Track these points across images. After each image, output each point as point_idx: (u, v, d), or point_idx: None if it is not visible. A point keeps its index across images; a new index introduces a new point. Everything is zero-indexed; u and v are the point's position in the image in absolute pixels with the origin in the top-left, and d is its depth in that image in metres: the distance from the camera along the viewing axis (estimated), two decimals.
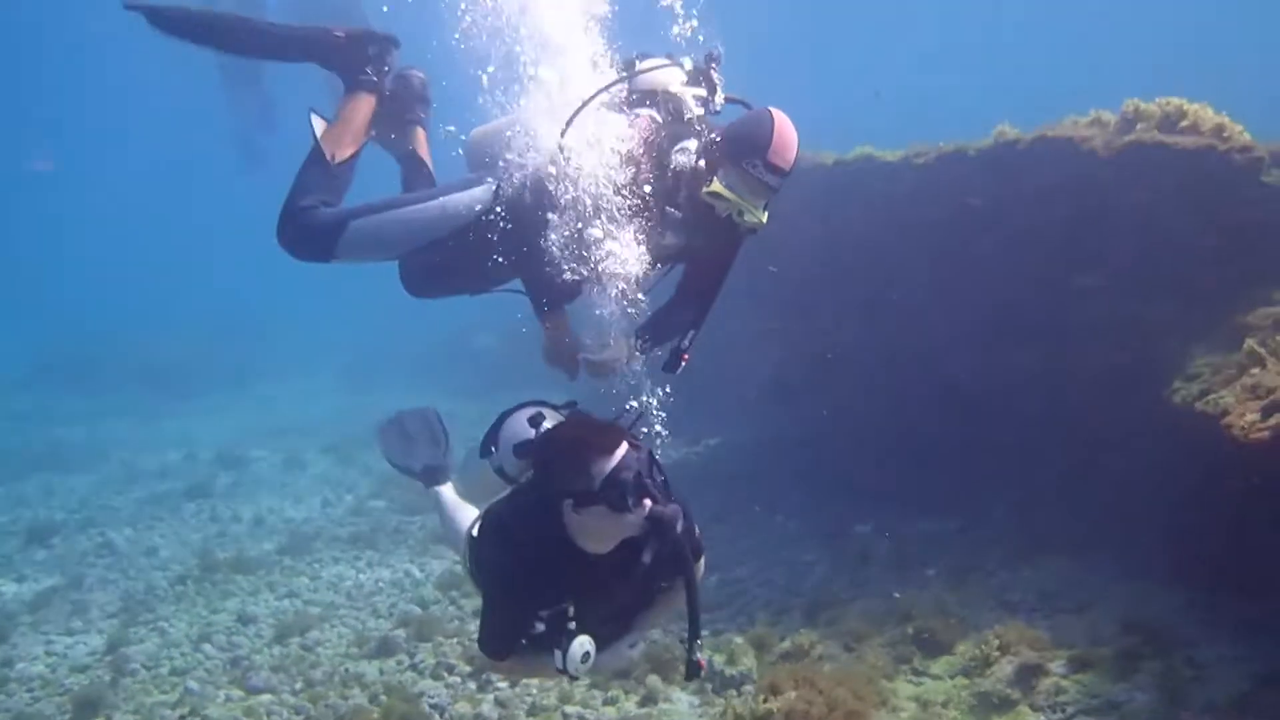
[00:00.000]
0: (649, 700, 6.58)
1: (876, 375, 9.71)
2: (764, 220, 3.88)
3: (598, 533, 3.08)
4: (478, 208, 4.07)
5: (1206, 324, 7.54)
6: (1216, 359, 7.13)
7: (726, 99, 4.01)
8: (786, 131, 3.77)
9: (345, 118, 4.28)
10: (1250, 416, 5.78)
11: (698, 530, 3.45)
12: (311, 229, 4.01)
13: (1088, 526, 7.88)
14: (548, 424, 3.50)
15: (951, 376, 9.10)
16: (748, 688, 6.57)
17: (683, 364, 4.24)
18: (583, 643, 3.19)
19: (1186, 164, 7.97)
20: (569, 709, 6.54)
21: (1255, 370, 6.59)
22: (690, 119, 3.94)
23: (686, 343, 4.25)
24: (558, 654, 3.18)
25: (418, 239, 4.10)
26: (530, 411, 3.58)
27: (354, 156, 4.23)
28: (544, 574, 3.16)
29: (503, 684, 7.00)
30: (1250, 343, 6.68)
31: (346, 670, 7.50)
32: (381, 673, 7.47)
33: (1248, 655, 6.04)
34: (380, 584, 9.53)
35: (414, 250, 4.14)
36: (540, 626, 3.21)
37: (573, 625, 3.20)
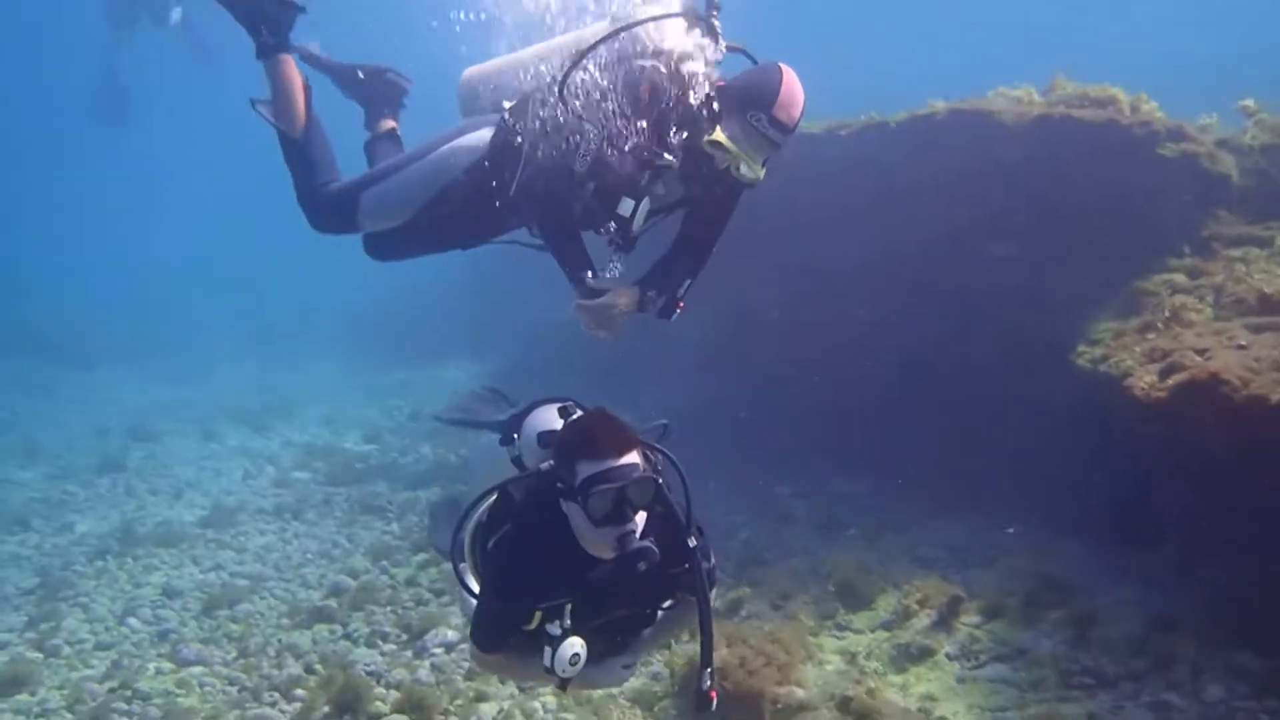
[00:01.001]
0: None
1: (797, 341, 9.98)
2: (761, 175, 3.85)
3: (580, 534, 2.98)
4: (483, 150, 4.10)
5: (1107, 290, 7.96)
6: (1117, 324, 7.55)
7: (728, 47, 3.92)
8: (793, 87, 3.74)
9: (279, 88, 4.30)
10: (1150, 378, 6.14)
11: (713, 559, 3.28)
12: (328, 208, 4.15)
13: (996, 483, 8.29)
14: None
15: (869, 342, 9.42)
16: (679, 648, 6.79)
17: (677, 311, 4.27)
18: (574, 644, 3.06)
19: (1090, 137, 8.38)
20: None
21: (1152, 334, 7.01)
22: (692, 67, 3.85)
23: (682, 291, 4.24)
24: (547, 651, 3.07)
25: (430, 188, 4.14)
26: (561, 404, 3.43)
27: (310, 117, 4.29)
28: (546, 565, 3.06)
29: (438, 650, 7.11)
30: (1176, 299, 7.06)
31: (279, 641, 7.51)
32: (315, 642, 7.49)
33: (1142, 599, 6.49)
34: (308, 555, 9.50)
35: (429, 203, 4.17)
36: (534, 623, 3.10)
37: (567, 624, 3.08)
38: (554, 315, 18.02)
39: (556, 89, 3.85)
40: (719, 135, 3.75)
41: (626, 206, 3.91)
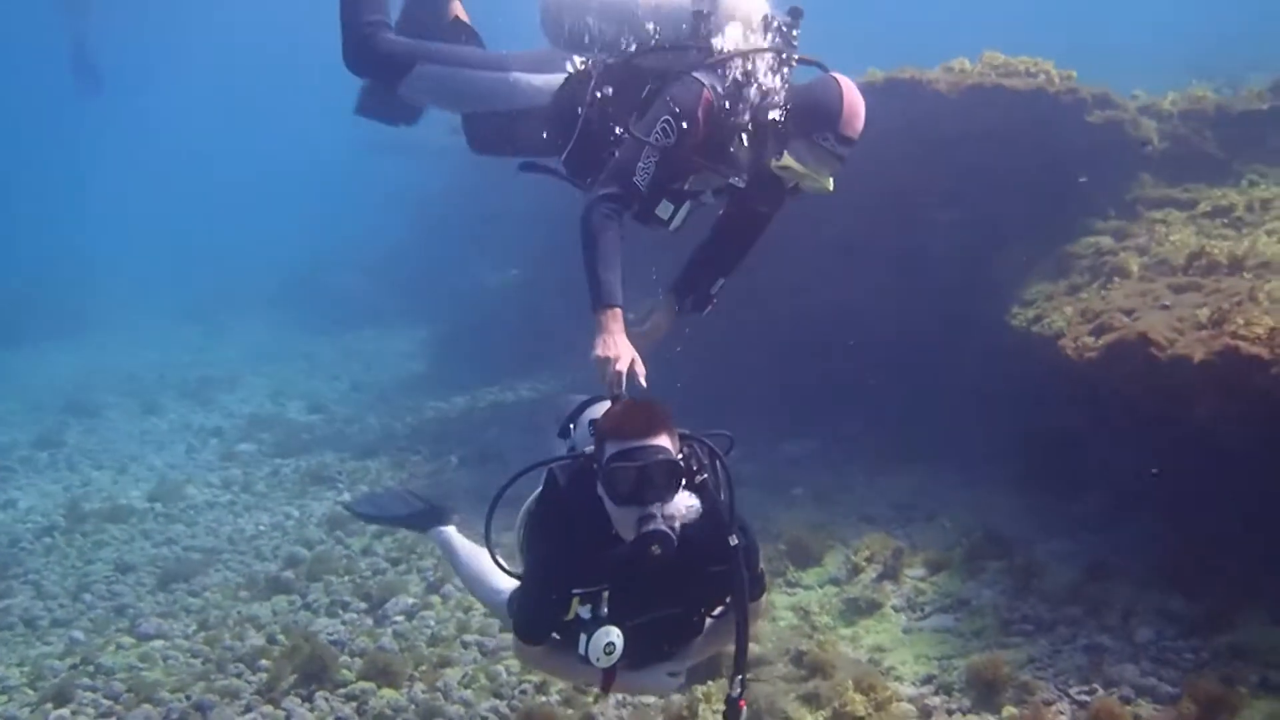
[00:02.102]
0: None
1: (741, 305, 10.14)
2: (830, 188, 3.80)
3: (611, 514, 2.97)
4: (544, 100, 4.04)
5: (1039, 253, 8.28)
6: (1048, 286, 7.87)
7: (800, 59, 3.88)
8: (855, 101, 3.70)
9: None
10: (1085, 339, 6.44)
11: (761, 564, 3.25)
12: (380, 54, 4.06)
13: (937, 440, 8.61)
14: None
15: (812, 307, 9.64)
16: None
17: (710, 307, 4.26)
18: (609, 631, 3.03)
19: (1020, 104, 8.65)
20: (468, 637, 6.82)
21: (1084, 295, 7.32)
22: (763, 76, 3.81)
23: (715, 289, 4.24)
24: (582, 639, 3.03)
25: (477, 105, 4.11)
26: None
27: None
28: (583, 547, 3.05)
29: (399, 618, 7.22)
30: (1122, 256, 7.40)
31: (239, 613, 7.55)
32: (275, 613, 7.56)
33: (1076, 549, 6.84)
34: (261, 527, 9.52)
35: (480, 115, 4.15)
36: (573, 614, 3.07)
37: (603, 612, 3.06)
38: (497, 278, 18.07)
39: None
40: (788, 160, 3.72)
41: (666, 209, 3.90)
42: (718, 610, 3.35)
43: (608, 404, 3.35)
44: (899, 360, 9.03)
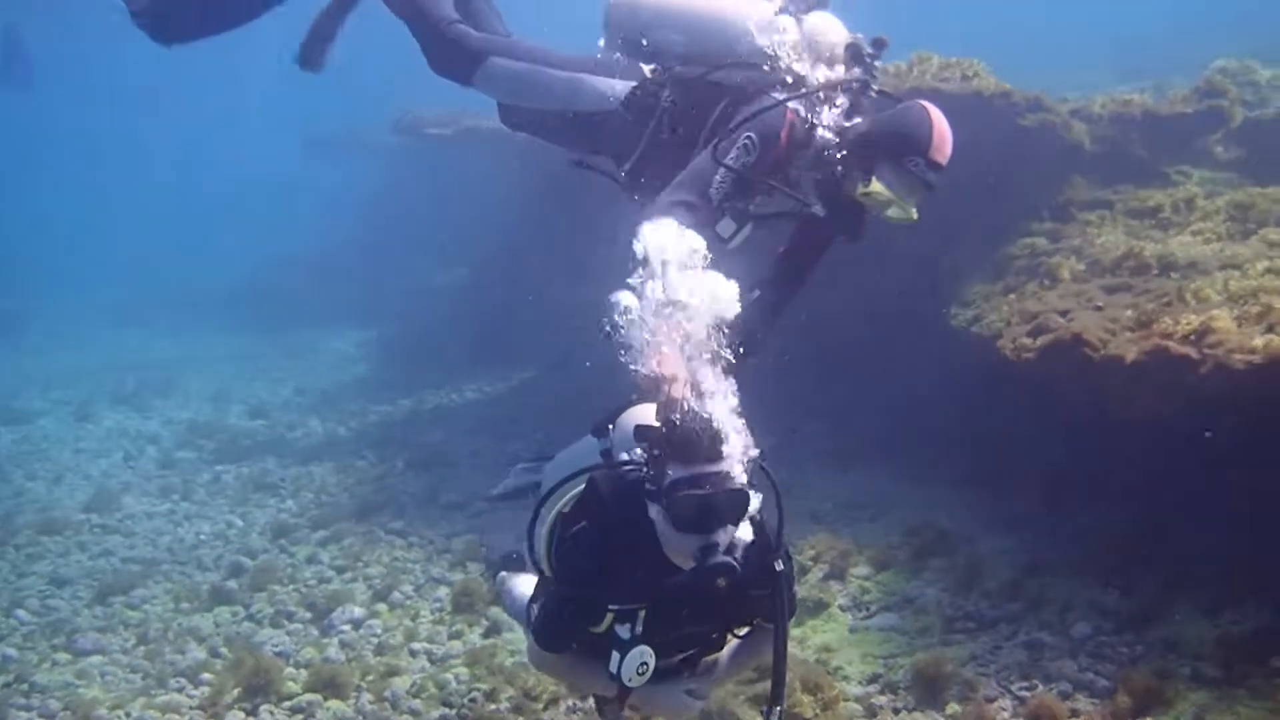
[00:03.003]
0: (493, 630, 6.91)
1: None
2: (915, 216, 3.75)
3: (663, 538, 2.86)
4: (609, 106, 4.02)
5: (979, 254, 8.42)
6: (986, 287, 8.01)
7: (878, 92, 3.82)
8: (944, 127, 3.65)
9: None
10: (1023, 340, 6.57)
11: (796, 587, 3.16)
12: (456, 49, 4.10)
13: (886, 440, 8.74)
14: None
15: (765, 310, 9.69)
16: None
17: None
18: (644, 652, 2.94)
19: (956, 107, 8.76)
20: (415, 645, 6.78)
21: (1020, 295, 7.47)
22: (846, 101, 3.77)
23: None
24: (614, 657, 2.94)
25: (543, 102, 4.09)
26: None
27: None
28: (626, 564, 2.92)
29: (345, 627, 7.15)
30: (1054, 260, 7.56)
31: (180, 625, 7.42)
32: (217, 625, 7.43)
33: (1016, 547, 6.98)
34: (201, 536, 9.35)
35: (544, 111, 4.14)
36: (604, 626, 2.99)
37: (639, 630, 2.97)
38: (443, 279, 17.95)
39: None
40: (876, 186, 3.66)
41: (728, 227, 3.80)
42: (743, 630, 3.26)
43: (650, 408, 3.18)
44: (849, 360, 9.14)
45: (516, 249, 14.40)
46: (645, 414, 3.18)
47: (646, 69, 4.06)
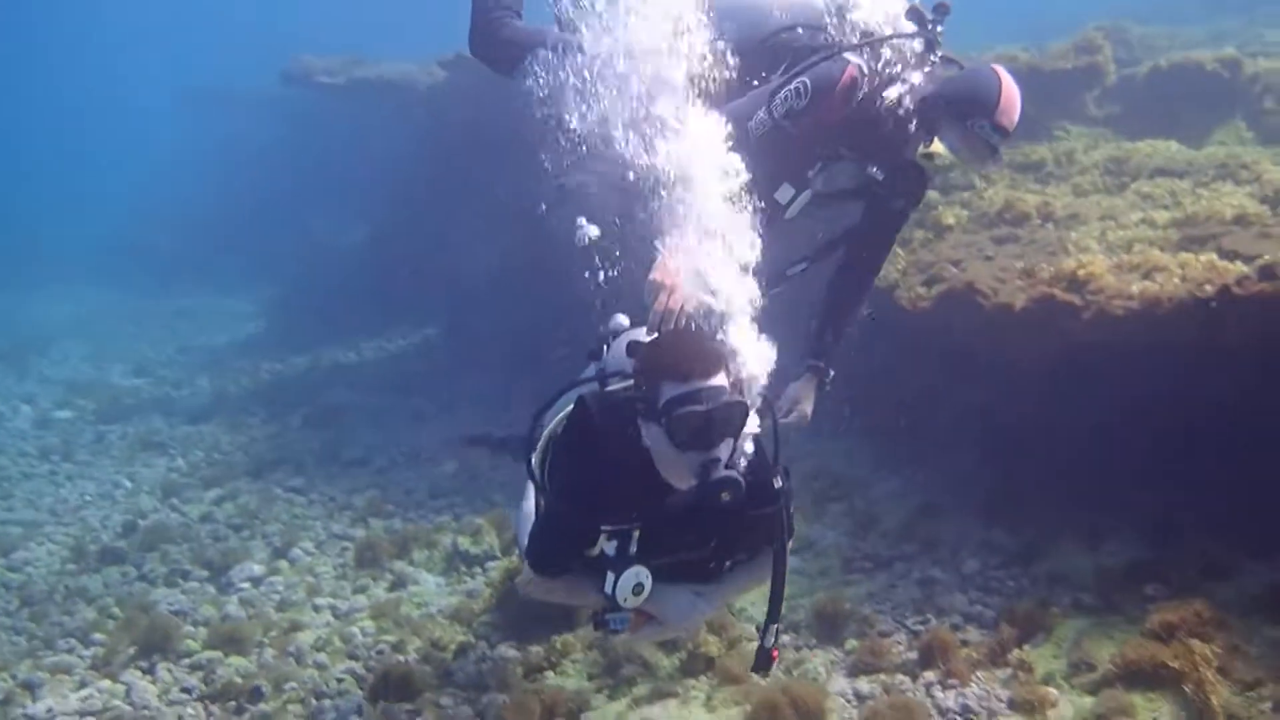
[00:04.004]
0: (398, 584, 6.87)
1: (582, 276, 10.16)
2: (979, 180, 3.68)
3: (659, 457, 2.79)
4: None
5: None
6: None
7: (943, 57, 3.76)
8: (1013, 90, 3.59)
9: None
10: (918, 289, 6.76)
11: (793, 508, 3.13)
12: (500, 42, 4.10)
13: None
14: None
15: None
16: (491, 564, 7.00)
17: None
18: (639, 572, 2.88)
19: None
20: (319, 600, 6.69)
21: (914, 247, 7.67)
22: (901, 67, 3.70)
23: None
24: (609, 577, 2.87)
25: None
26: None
27: None
28: (620, 484, 2.85)
29: (245, 585, 7.01)
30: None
31: (66, 587, 7.17)
32: (107, 585, 7.21)
33: (907, 490, 7.21)
34: (86, 497, 9.04)
35: None
36: (598, 548, 2.93)
37: (633, 551, 2.91)
38: (338, 235, 17.46)
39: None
40: (937, 146, 3.62)
41: (786, 193, 3.73)
42: (740, 557, 3.22)
43: (642, 327, 3.13)
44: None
45: (416, 204, 14.13)
46: (637, 331, 3.15)
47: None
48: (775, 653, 3.12)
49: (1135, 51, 10.59)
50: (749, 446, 2.88)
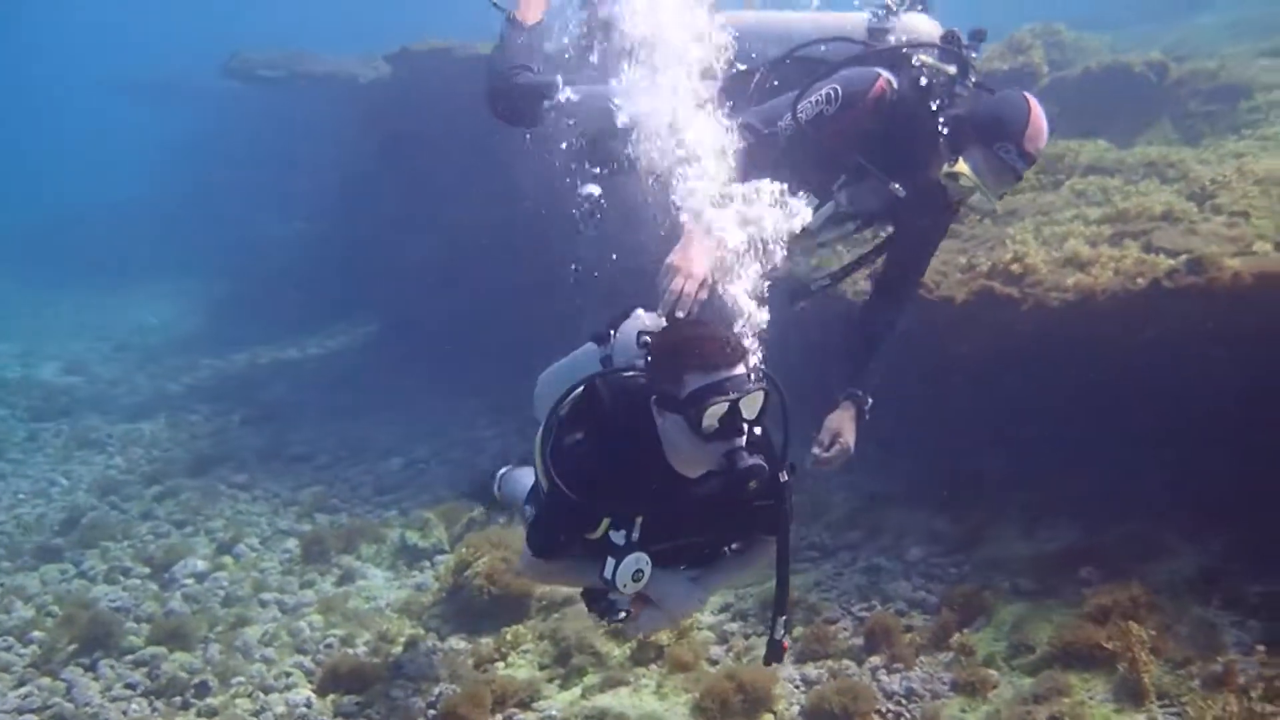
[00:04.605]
0: (346, 579, 6.83)
1: (515, 265, 10.15)
2: (998, 207, 3.75)
3: (676, 448, 2.82)
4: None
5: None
6: (827, 234, 8.30)
7: (975, 84, 3.76)
8: (1041, 118, 3.61)
9: None
10: (862, 283, 6.85)
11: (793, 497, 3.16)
12: (515, 94, 4.13)
13: None
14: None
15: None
16: (440, 558, 6.99)
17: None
18: (640, 559, 2.93)
19: None
20: (265, 595, 6.63)
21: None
22: (930, 89, 3.72)
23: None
24: (609, 563, 2.91)
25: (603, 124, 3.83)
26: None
27: (540, 20, 4.28)
28: (626, 473, 2.88)
29: (188, 581, 6.92)
30: None
31: (3, 585, 7.01)
32: (45, 583, 7.07)
33: (859, 481, 7.32)
34: (20, 496, 8.84)
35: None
36: (599, 533, 2.96)
37: (634, 537, 2.95)
38: (280, 230, 17.21)
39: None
40: (961, 166, 3.62)
41: (808, 202, 3.63)
42: (734, 545, 3.29)
43: (651, 315, 3.16)
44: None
45: (358, 198, 14.00)
46: (647, 320, 3.17)
47: (738, 65, 3.94)
48: (786, 644, 3.18)
49: (1068, 54, 10.87)
50: (758, 433, 2.90)
